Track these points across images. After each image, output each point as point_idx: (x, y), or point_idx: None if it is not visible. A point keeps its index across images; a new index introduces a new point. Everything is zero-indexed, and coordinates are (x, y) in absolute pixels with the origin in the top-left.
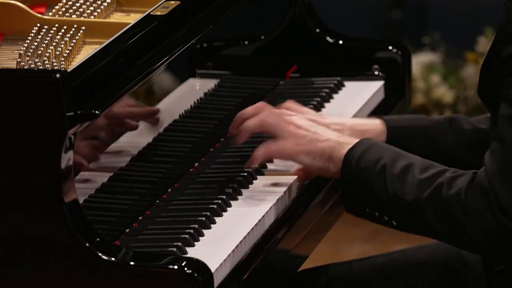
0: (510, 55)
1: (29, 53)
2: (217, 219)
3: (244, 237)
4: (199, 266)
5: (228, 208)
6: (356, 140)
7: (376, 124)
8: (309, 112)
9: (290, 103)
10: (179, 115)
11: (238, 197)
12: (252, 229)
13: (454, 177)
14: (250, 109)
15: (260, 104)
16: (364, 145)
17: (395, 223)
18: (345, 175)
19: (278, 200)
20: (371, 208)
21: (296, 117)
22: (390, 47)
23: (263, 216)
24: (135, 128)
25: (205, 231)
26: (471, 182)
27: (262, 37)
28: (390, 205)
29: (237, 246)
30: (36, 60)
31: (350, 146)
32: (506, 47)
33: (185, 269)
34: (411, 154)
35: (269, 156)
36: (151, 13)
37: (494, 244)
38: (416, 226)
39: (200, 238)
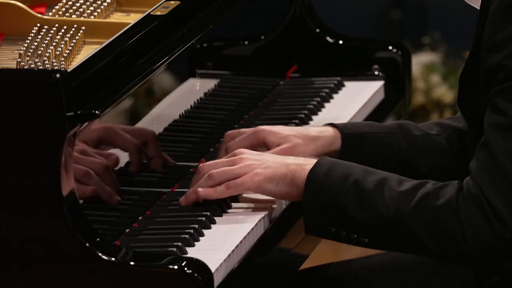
0: (498, 64)
1: (29, 53)
2: (217, 219)
3: (244, 237)
4: (199, 266)
5: (228, 209)
6: (315, 160)
7: (329, 131)
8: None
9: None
10: (179, 115)
11: (238, 197)
12: (252, 229)
13: (439, 188)
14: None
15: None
16: (326, 164)
17: (366, 240)
18: (308, 195)
19: (277, 200)
20: (338, 227)
21: (242, 153)
22: (390, 47)
23: (263, 216)
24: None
25: (205, 231)
26: (459, 191)
27: (262, 37)
28: (363, 222)
29: (237, 246)
30: (36, 60)
31: (311, 166)
32: (492, 55)
33: (185, 269)
34: (378, 169)
35: (232, 193)
36: (151, 13)
37: (488, 253)
38: (395, 241)
39: (200, 238)
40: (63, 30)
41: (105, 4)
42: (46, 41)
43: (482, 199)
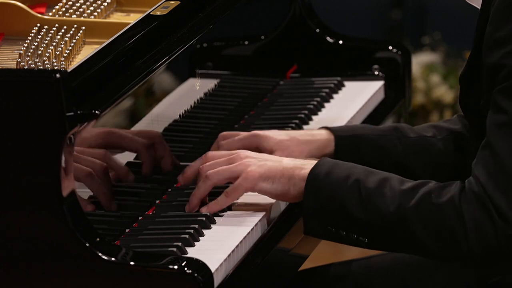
0: (498, 61)
1: (29, 53)
2: (217, 219)
3: (244, 237)
4: (199, 266)
5: (228, 209)
6: (314, 161)
7: (322, 134)
8: (245, 134)
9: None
10: (179, 115)
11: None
12: (252, 229)
13: (441, 187)
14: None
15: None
16: (328, 163)
17: (366, 241)
18: (308, 196)
19: (277, 200)
20: (337, 227)
21: (239, 152)
22: (390, 47)
23: (263, 216)
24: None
25: (205, 231)
26: (462, 191)
27: (262, 37)
28: (363, 221)
29: (237, 246)
30: (36, 60)
31: (312, 166)
32: (493, 53)
33: (185, 269)
34: (380, 170)
35: (234, 199)
36: (151, 13)
37: (490, 251)
38: (395, 240)
39: (200, 238)
40: (63, 30)
41: (105, 4)
42: (46, 41)
43: (484, 197)
